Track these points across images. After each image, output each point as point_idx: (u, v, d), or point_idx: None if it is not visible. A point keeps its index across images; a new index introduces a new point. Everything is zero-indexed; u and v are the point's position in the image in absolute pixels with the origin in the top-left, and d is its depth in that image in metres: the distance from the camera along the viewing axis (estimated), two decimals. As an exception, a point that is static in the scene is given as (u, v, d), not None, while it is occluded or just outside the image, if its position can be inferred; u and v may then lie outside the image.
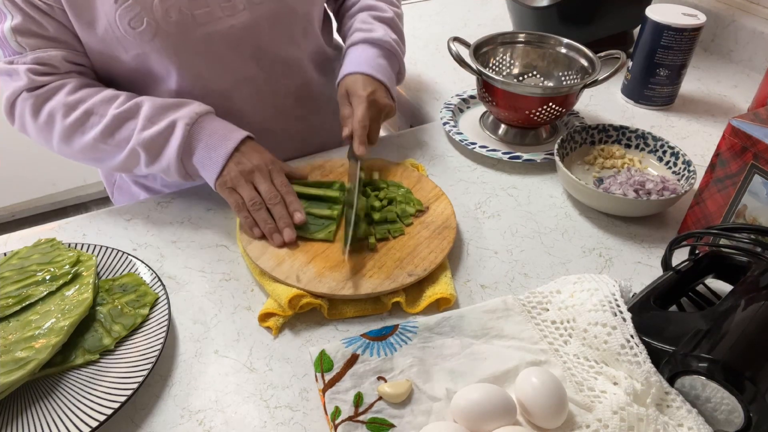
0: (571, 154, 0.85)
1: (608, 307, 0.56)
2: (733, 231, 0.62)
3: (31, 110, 0.72)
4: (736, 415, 0.48)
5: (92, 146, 0.72)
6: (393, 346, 0.57)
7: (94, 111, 0.71)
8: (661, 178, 0.78)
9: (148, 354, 0.56)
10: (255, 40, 0.78)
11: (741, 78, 1.13)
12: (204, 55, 0.75)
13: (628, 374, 0.52)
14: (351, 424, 0.51)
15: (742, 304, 0.54)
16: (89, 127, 0.71)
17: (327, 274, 0.64)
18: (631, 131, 0.86)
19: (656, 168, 0.83)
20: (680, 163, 0.80)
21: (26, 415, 0.52)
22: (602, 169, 0.84)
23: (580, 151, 0.86)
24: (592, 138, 0.87)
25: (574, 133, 0.85)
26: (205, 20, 0.73)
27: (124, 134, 0.71)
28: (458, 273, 0.69)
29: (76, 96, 0.72)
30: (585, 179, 0.82)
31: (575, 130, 0.85)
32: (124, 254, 0.67)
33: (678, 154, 0.81)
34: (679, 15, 0.94)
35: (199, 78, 0.77)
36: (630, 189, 0.76)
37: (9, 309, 0.57)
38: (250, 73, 0.80)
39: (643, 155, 0.85)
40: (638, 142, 0.86)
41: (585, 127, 0.86)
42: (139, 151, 0.71)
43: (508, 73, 0.97)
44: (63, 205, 2.27)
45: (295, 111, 0.88)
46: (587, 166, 0.85)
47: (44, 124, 0.73)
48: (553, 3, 1.08)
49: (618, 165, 0.84)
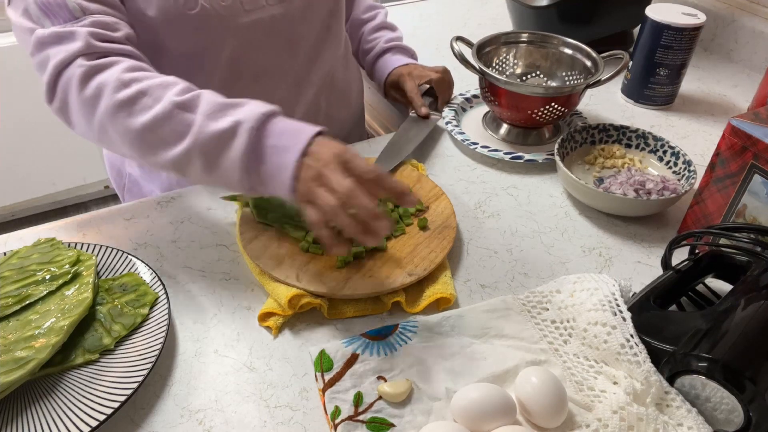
0: (571, 154, 0.85)
1: (608, 307, 0.56)
2: (733, 230, 0.62)
3: (80, 79, 0.64)
4: (735, 414, 0.48)
5: (138, 133, 0.63)
6: (393, 346, 0.57)
7: (148, 92, 0.63)
8: (661, 177, 0.78)
9: (147, 354, 0.56)
10: (290, 29, 0.82)
11: (741, 78, 1.13)
12: (244, 41, 0.78)
13: (628, 374, 0.52)
14: (351, 424, 0.51)
15: (741, 303, 0.54)
16: (139, 110, 0.62)
17: (327, 274, 0.64)
18: (632, 131, 0.85)
19: (657, 168, 0.83)
20: (681, 163, 0.80)
21: (26, 414, 0.52)
22: (603, 168, 0.84)
23: (581, 150, 0.86)
24: (593, 138, 0.87)
25: (575, 132, 0.85)
26: (251, 7, 0.77)
27: (177, 128, 0.61)
28: (458, 273, 0.69)
29: (132, 74, 0.64)
30: (585, 179, 0.82)
31: (576, 129, 0.85)
32: (124, 254, 0.67)
33: (678, 154, 0.81)
34: (679, 14, 0.94)
35: (235, 63, 0.79)
36: (630, 189, 0.76)
37: (9, 308, 0.57)
38: (282, 63, 0.84)
39: (644, 155, 0.85)
40: (638, 142, 0.85)
41: (585, 126, 0.86)
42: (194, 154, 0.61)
43: (511, 72, 0.97)
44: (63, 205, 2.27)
45: (320, 103, 0.92)
46: (587, 166, 0.85)
47: (90, 97, 0.64)
48: (553, 2, 1.08)
49: (618, 165, 0.84)
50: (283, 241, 0.68)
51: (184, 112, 0.61)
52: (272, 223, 0.70)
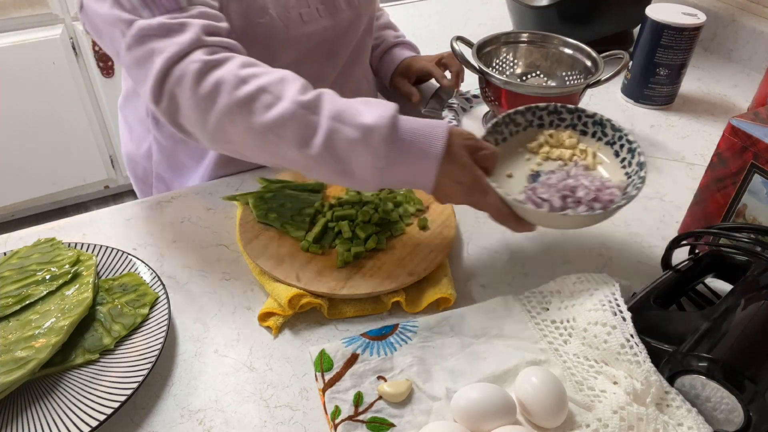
0: (511, 139, 0.70)
1: (608, 307, 0.56)
2: (733, 230, 0.62)
3: (195, 76, 0.59)
4: (735, 414, 0.48)
5: (260, 133, 0.59)
6: (393, 346, 0.57)
7: (268, 89, 0.59)
8: (600, 182, 0.63)
9: (147, 354, 0.56)
10: (334, 41, 0.85)
11: (741, 77, 1.13)
12: (297, 51, 0.80)
13: (628, 374, 0.52)
14: (351, 424, 0.51)
15: (741, 303, 0.54)
16: (260, 108, 0.59)
17: (327, 274, 0.64)
18: (588, 116, 0.69)
19: (609, 166, 0.67)
20: (634, 164, 0.64)
21: (26, 414, 0.52)
22: (546, 160, 0.69)
23: (525, 134, 0.71)
24: (541, 120, 0.71)
25: (516, 114, 0.70)
26: (308, 19, 0.79)
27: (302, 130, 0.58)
28: (458, 273, 0.69)
29: (249, 70, 0.60)
30: (519, 172, 0.68)
31: (518, 111, 0.70)
32: (124, 254, 0.67)
33: (634, 152, 0.65)
34: (679, 14, 0.94)
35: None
36: (557, 195, 0.62)
37: (9, 308, 0.57)
38: (322, 71, 0.87)
39: (599, 146, 0.69)
40: (595, 130, 0.69)
41: (532, 107, 0.71)
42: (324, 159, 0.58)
43: (511, 72, 0.97)
44: (63, 205, 2.27)
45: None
46: (528, 155, 0.70)
47: (207, 95, 0.59)
48: (553, 2, 1.08)
49: (566, 157, 0.69)
50: (283, 241, 0.68)
51: (309, 113, 0.58)
52: (272, 223, 0.70)
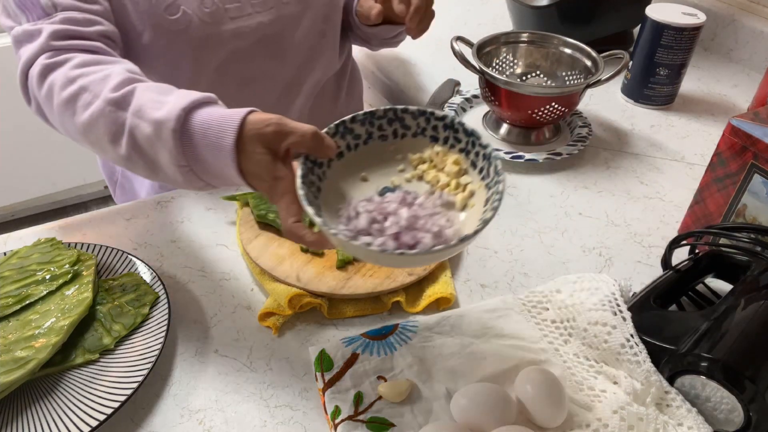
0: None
1: (608, 307, 0.56)
2: (733, 230, 0.62)
3: (37, 79, 0.61)
4: (735, 414, 0.48)
5: (81, 133, 0.59)
6: (393, 346, 0.57)
7: (89, 88, 0.58)
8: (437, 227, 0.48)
9: (147, 353, 0.56)
10: (279, 36, 0.81)
11: (741, 77, 1.13)
12: (230, 48, 0.77)
13: (628, 373, 0.52)
14: (351, 424, 0.51)
15: (741, 303, 0.54)
16: (81, 107, 0.58)
17: (327, 274, 0.64)
18: (438, 118, 0.53)
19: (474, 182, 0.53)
20: (492, 172, 0.51)
21: (26, 414, 0.52)
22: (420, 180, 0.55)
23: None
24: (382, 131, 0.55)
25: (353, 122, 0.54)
26: (236, 14, 0.76)
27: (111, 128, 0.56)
28: (458, 272, 0.69)
29: (80, 70, 0.60)
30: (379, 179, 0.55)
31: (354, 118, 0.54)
32: (124, 254, 0.67)
33: (490, 157, 0.52)
34: (679, 14, 0.94)
35: (221, 70, 0.78)
36: (365, 218, 0.49)
37: (9, 308, 0.57)
38: (270, 69, 0.83)
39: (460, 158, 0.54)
40: (447, 135, 0.54)
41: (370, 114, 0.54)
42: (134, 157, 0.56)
43: (511, 72, 0.97)
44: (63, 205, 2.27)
45: (313, 110, 0.91)
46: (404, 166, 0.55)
47: (45, 97, 0.62)
48: (553, 2, 1.08)
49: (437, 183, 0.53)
50: (283, 241, 0.68)
51: (117, 110, 0.56)
52: (272, 223, 0.70)
